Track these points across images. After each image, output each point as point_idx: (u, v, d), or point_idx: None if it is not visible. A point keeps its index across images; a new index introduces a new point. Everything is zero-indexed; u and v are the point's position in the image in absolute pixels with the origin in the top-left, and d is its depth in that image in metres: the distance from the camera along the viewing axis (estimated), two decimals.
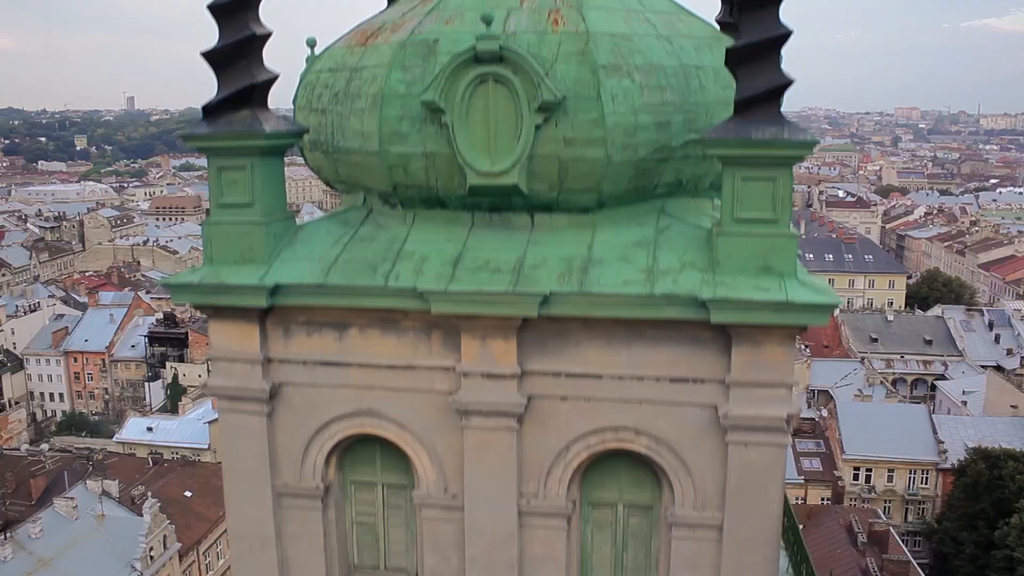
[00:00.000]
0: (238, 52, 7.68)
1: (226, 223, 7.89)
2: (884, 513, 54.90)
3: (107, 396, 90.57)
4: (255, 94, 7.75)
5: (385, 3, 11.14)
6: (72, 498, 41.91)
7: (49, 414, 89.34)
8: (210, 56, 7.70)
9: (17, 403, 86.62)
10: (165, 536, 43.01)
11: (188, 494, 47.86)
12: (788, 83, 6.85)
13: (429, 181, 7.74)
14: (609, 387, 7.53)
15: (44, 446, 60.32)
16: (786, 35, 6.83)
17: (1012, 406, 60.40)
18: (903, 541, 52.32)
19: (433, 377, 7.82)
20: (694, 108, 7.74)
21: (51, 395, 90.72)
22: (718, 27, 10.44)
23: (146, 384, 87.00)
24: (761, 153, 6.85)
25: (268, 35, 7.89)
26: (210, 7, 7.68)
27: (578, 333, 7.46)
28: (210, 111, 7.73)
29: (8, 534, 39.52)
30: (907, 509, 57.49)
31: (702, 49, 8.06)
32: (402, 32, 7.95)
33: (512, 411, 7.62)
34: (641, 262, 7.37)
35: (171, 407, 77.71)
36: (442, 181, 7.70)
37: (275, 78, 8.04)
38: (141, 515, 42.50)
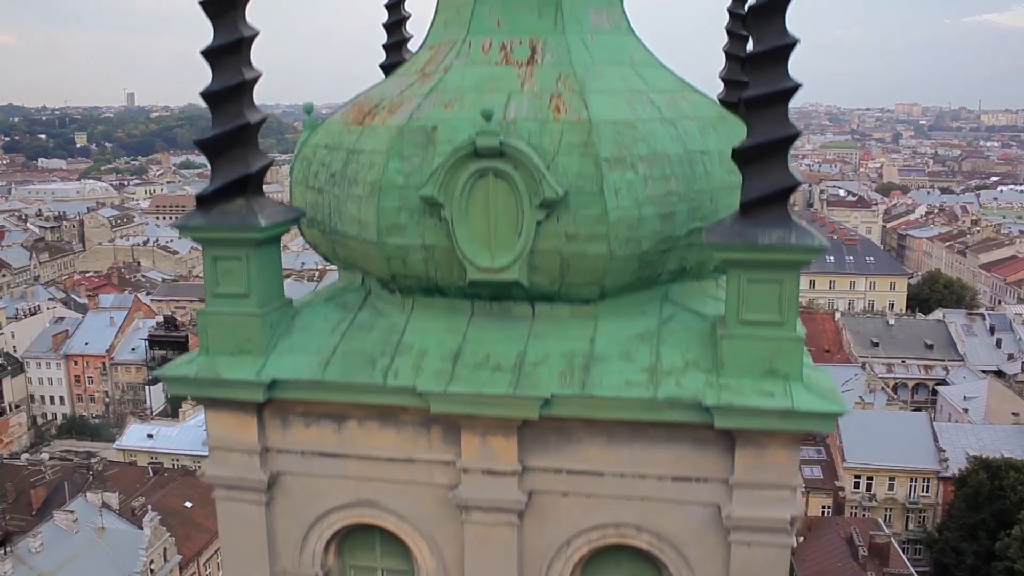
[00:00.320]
0: (232, 140, 7.54)
1: (222, 313, 7.75)
2: (885, 521, 54.93)
3: (107, 399, 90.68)
4: (250, 182, 7.62)
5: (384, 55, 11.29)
6: (72, 511, 41.87)
7: (49, 417, 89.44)
8: (204, 144, 7.57)
9: (17, 407, 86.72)
10: (165, 549, 43.00)
11: (188, 504, 47.84)
12: (796, 185, 6.71)
13: (428, 272, 7.60)
14: (610, 484, 7.40)
15: (44, 455, 60.31)
16: (794, 135, 6.69)
17: (1013, 413, 60.36)
18: (903, 549, 52.37)
19: (433, 471, 7.69)
20: (699, 195, 7.59)
21: (51, 398, 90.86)
22: (723, 85, 10.33)
23: (147, 388, 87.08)
24: (768, 257, 6.71)
25: (263, 120, 7.75)
26: (204, 94, 7.54)
27: (579, 431, 7.33)
28: (204, 200, 7.59)
29: (8, 548, 39.49)
30: (908, 517, 57.51)
31: (707, 131, 7.90)
32: (400, 115, 7.79)
33: (513, 507, 7.50)
34: (644, 360, 7.23)
35: (171, 411, 77.79)
36: (441, 273, 7.56)
37: (270, 163, 7.92)
38: (141, 527, 42.46)
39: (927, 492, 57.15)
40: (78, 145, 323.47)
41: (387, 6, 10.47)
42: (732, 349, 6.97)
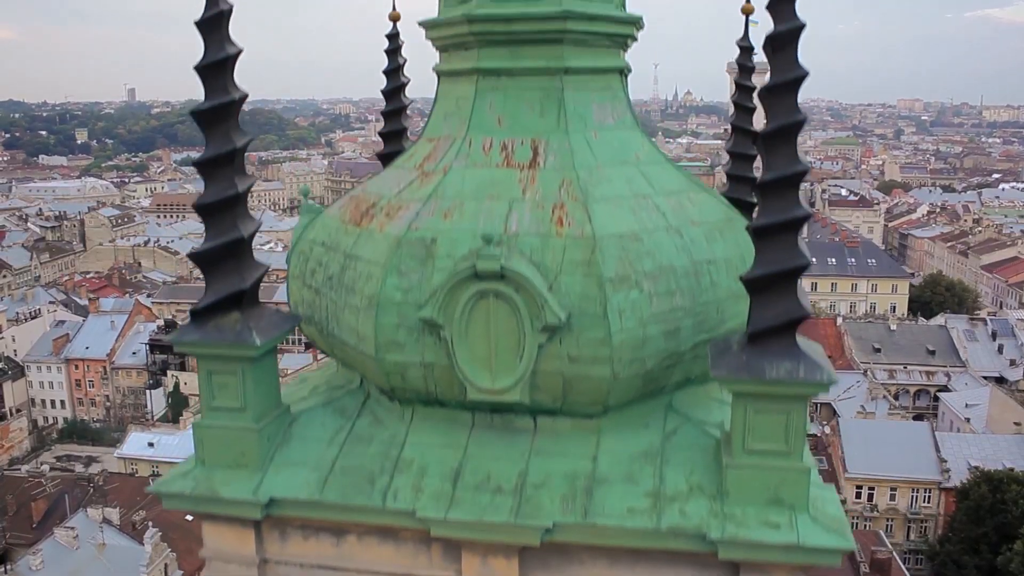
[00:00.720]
0: (226, 253, 7.38)
1: (218, 427, 7.61)
2: (886, 532, 54.89)
3: (108, 404, 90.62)
4: (245, 296, 7.46)
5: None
6: (73, 527, 41.82)
7: (50, 421, 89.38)
8: (198, 257, 7.41)
9: (18, 411, 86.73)
10: (167, 564, 42.94)
11: (189, 518, 47.68)
12: (806, 316, 6.55)
13: (428, 387, 7.46)
14: None
15: (45, 467, 60.23)
16: (804, 266, 6.52)
17: (1015, 423, 60.20)
18: (904, 560, 52.34)
19: None
20: (705, 307, 7.43)
21: (52, 402, 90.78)
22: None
23: (147, 392, 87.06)
24: (775, 391, 6.56)
25: (256, 230, 7.59)
26: (197, 207, 7.39)
27: (581, 553, 7.18)
28: (198, 314, 7.44)
29: (9, 566, 39.44)
30: (909, 528, 57.44)
31: (714, 237, 7.73)
32: (399, 223, 7.62)
33: None
34: (647, 483, 7.08)
35: (172, 417, 77.74)
36: (441, 388, 7.41)
37: (266, 271, 7.76)
38: (142, 543, 42.40)
39: (928, 502, 57.07)
40: (79, 142, 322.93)
41: (385, 92, 10.28)
42: (737, 478, 6.82)
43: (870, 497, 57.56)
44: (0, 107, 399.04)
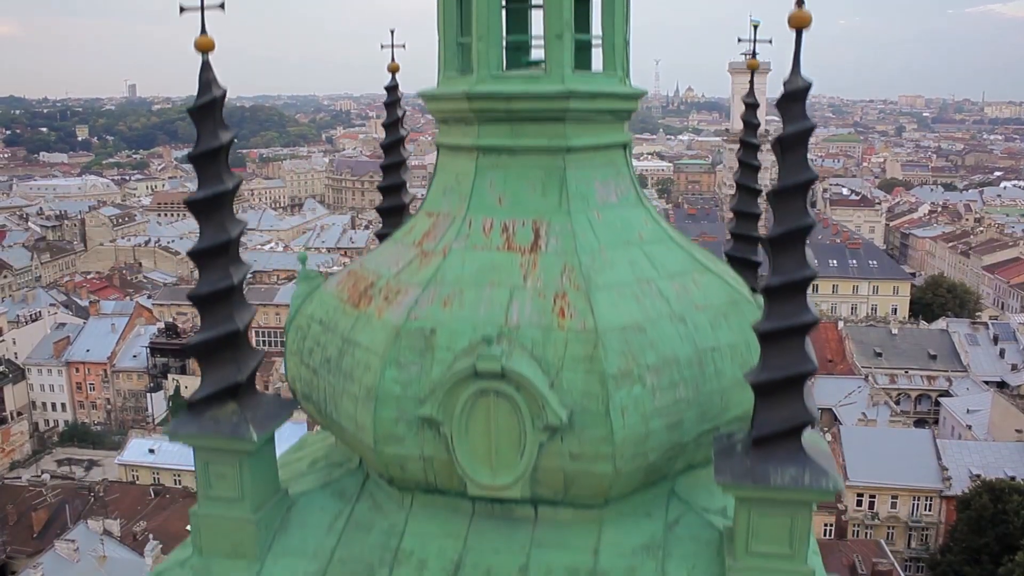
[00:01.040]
0: (223, 345, 7.28)
1: (215, 516, 7.52)
2: (887, 540, 54.84)
3: (109, 407, 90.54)
4: (242, 387, 7.35)
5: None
6: (73, 540, 41.79)
7: (51, 424, 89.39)
8: (194, 349, 7.30)
9: (19, 414, 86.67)
10: None
11: (190, 528, 47.60)
12: (811, 421, 6.44)
13: (428, 478, 7.36)
14: None
15: (45, 475, 60.22)
16: (811, 371, 6.40)
17: (1017, 430, 60.08)
18: (905, 568, 52.34)
19: None
20: (708, 397, 7.32)
21: (53, 405, 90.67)
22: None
23: (148, 395, 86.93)
24: (779, 497, 6.45)
25: (252, 318, 7.48)
26: (191, 297, 7.29)
27: None
28: (195, 405, 7.34)
29: None
30: (910, 536, 57.39)
31: (718, 323, 7.60)
32: (398, 310, 7.49)
33: None
34: None
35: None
36: (441, 480, 7.31)
37: (261, 360, 7.65)
38: (143, 554, 42.37)
39: (930, 511, 57.00)
40: (79, 138, 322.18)
41: (384, 146, 10.19)
42: None
43: (871, 505, 57.49)
44: (0, 103, 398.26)
